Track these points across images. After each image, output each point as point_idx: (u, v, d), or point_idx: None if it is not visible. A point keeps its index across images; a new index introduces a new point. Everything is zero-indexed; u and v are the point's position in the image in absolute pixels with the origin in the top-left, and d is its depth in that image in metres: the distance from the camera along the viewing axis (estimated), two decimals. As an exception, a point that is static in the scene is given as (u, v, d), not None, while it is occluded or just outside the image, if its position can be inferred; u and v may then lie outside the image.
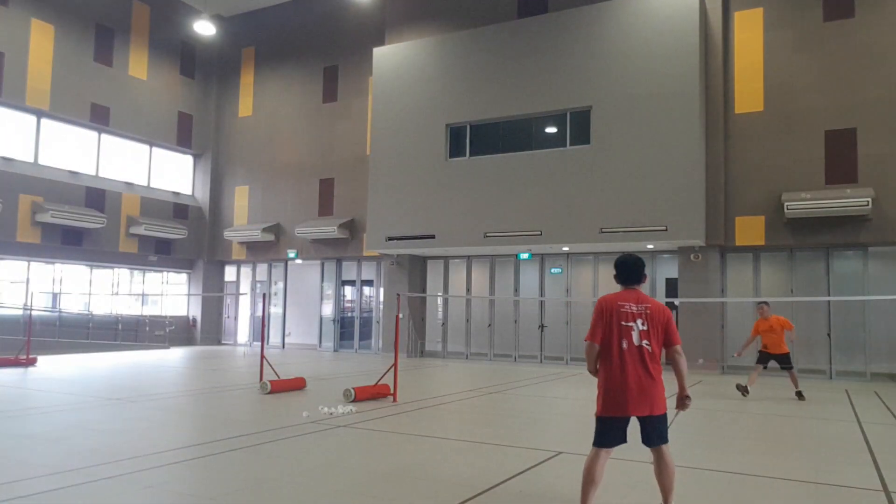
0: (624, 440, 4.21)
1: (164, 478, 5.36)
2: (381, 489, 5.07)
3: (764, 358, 11.23)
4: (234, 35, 23.66)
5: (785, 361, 11.12)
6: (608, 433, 4.18)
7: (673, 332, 4.28)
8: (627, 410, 4.10)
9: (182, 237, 22.21)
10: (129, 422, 7.85)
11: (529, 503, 4.82)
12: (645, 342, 4.17)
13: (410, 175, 18.13)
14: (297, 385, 11.08)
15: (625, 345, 4.16)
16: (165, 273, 23.33)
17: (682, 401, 4.30)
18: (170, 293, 23.40)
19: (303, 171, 21.74)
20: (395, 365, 9.97)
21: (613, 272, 4.49)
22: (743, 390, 11.13)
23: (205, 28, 20.49)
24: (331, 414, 8.49)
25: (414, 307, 19.34)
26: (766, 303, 11.47)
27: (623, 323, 4.20)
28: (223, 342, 23.74)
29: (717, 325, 15.73)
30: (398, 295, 11.53)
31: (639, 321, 4.20)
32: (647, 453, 4.42)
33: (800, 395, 10.94)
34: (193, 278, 23.74)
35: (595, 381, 4.31)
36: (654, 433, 4.18)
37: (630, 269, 4.43)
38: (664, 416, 4.21)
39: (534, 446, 6.74)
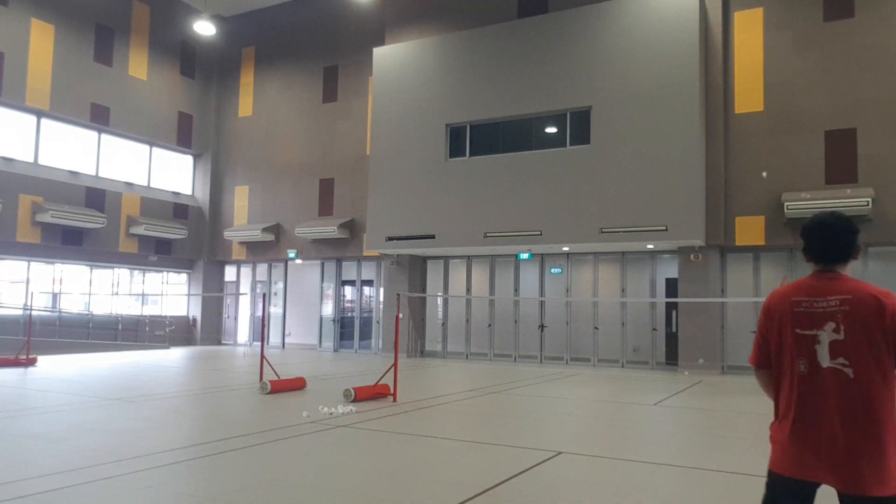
0: None
1: (164, 478, 5.36)
2: (381, 489, 5.07)
3: None
4: (234, 35, 23.66)
5: None
6: (775, 497, 2.62)
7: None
8: (804, 472, 2.50)
9: (182, 237, 22.21)
10: (128, 422, 7.85)
11: (529, 503, 4.82)
12: (840, 361, 2.47)
13: (410, 175, 18.13)
14: (297, 385, 11.08)
15: (802, 367, 2.54)
16: (165, 273, 23.33)
17: None
18: (170, 293, 23.40)
19: (303, 171, 21.74)
20: (395, 365, 9.97)
21: (802, 245, 2.73)
22: None
23: (205, 28, 20.49)
24: (331, 414, 8.49)
25: (414, 307, 19.34)
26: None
27: (799, 331, 2.57)
28: (223, 342, 23.74)
29: (717, 325, 15.73)
30: (398, 295, 11.53)
31: (828, 326, 2.51)
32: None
33: None
34: (193, 278, 23.74)
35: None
36: None
37: (829, 237, 2.62)
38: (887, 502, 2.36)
39: (534, 446, 6.74)
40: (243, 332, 23.51)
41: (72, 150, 19.93)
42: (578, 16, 16.39)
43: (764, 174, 15.16)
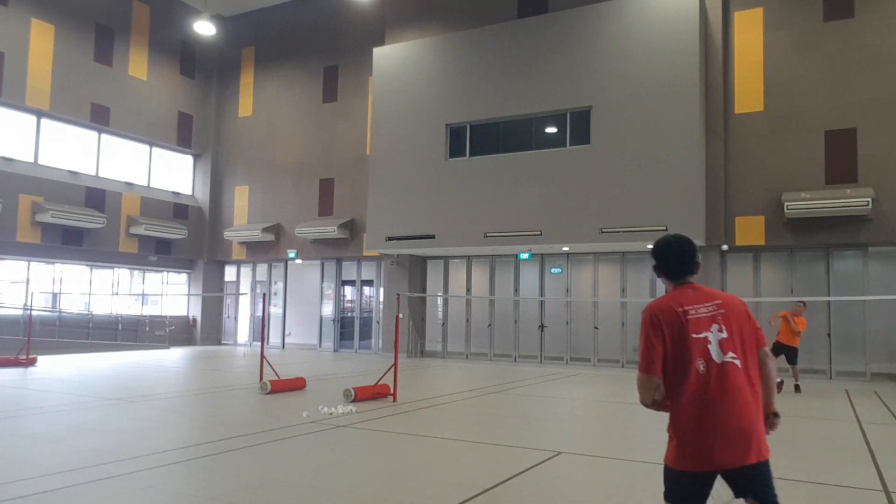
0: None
1: (164, 478, 5.36)
2: (381, 489, 5.07)
3: (777, 349, 11.84)
4: (234, 35, 23.66)
5: (792, 355, 11.89)
6: (688, 494, 2.92)
7: (759, 329, 2.94)
8: (715, 461, 2.75)
9: (182, 237, 22.21)
10: (128, 422, 7.85)
11: (529, 503, 4.82)
12: (731, 355, 2.80)
13: (410, 175, 18.13)
14: (297, 385, 11.08)
15: (701, 366, 2.78)
16: (165, 273, 23.33)
17: (771, 419, 2.89)
18: (170, 293, 23.39)
19: (303, 171, 21.74)
20: (395, 365, 9.97)
21: (653, 263, 3.10)
22: (778, 386, 11.71)
23: (205, 28, 20.49)
24: (331, 414, 8.49)
25: (414, 307, 19.34)
26: (804, 303, 12.12)
27: (695, 335, 2.82)
28: (223, 342, 23.74)
29: (717, 325, 15.70)
30: (398, 295, 11.53)
31: (715, 326, 2.85)
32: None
33: (797, 387, 11.82)
34: (193, 278, 23.74)
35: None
36: (760, 488, 2.77)
37: (680, 256, 3.00)
38: (767, 462, 2.80)
39: (534, 446, 6.74)
40: (243, 332, 23.51)
41: (72, 150, 19.93)
42: (578, 16, 16.39)
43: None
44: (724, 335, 2.83)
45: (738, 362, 2.80)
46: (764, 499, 2.78)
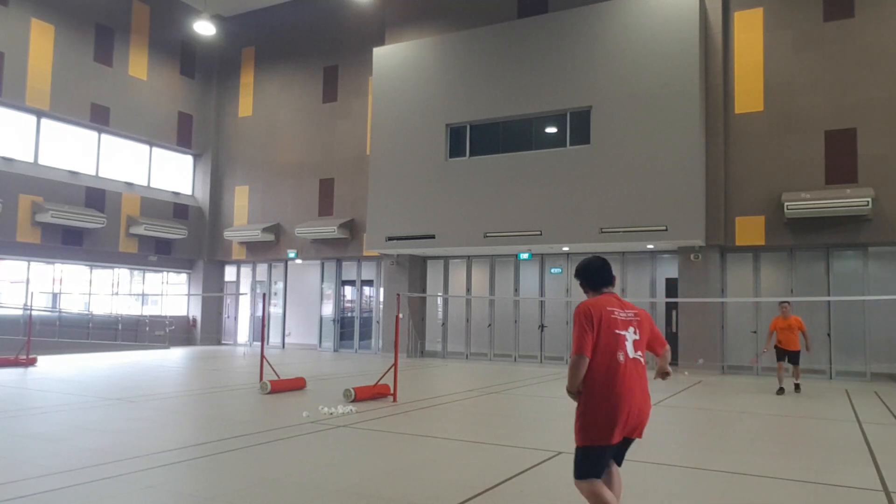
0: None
1: (164, 478, 5.36)
2: (380, 489, 5.07)
3: (781, 354, 11.86)
4: (234, 35, 23.66)
5: (795, 358, 11.88)
6: (599, 462, 3.61)
7: (661, 334, 3.91)
8: (623, 433, 3.55)
9: (182, 237, 22.21)
10: (128, 422, 7.85)
11: (529, 503, 4.82)
12: (639, 353, 3.64)
13: (410, 175, 18.13)
14: (297, 385, 11.08)
15: (620, 357, 3.54)
16: (165, 273, 23.33)
17: (664, 376, 3.79)
18: (170, 293, 23.40)
19: (303, 171, 21.74)
20: (395, 365, 9.97)
21: (578, 281, 3.91)
22: (780, 391, 11.73)
23: (205, 28, 20.49)
24: (331, 414, 8.49)
25: (414, 307, 19.34)
26: (788, 303, 11.98)
27: (617, 331, 3.58)
28: (223, 342, 23.74)
29: (717, 325, 15.73)
30: (398, 295, 11.53)
31: (631, 329, 3.64)
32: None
33: (797, 387, 11.87)
34: (193, 278, 23.74)
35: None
36: (622, 453, 3.81)
37: (599, 271, 3.84)
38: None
39: (534, 446, 6.74)
40: (243, 332, 23.51)
41: (72, 150, 19.93)
42: (578, 16, 16.39)
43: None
44: (637, 337, 3.65)
45: (642, 360, 3.65)
46: (619, 461, 3.81)
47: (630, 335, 3.61)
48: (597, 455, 3.56)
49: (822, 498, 5.10)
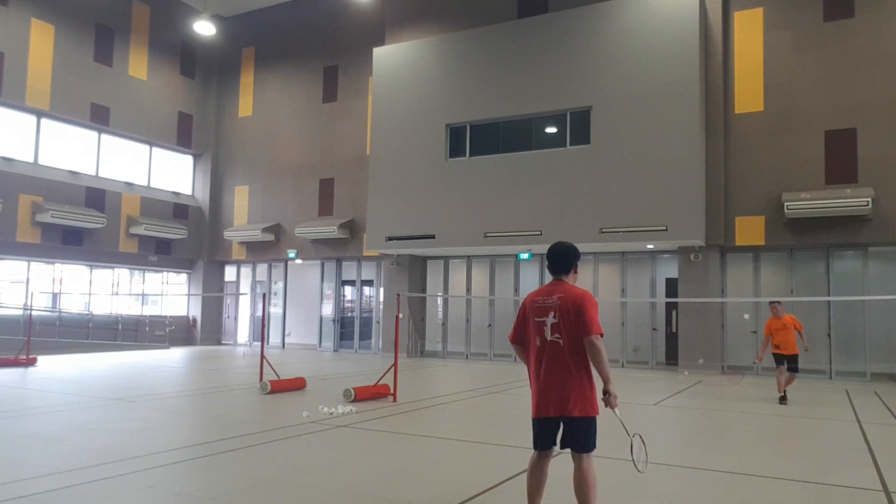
0: (553, 443, 3.98)
1: (164, 478, 5.36)
2: (381, 489, 5.07)
3: (780, 359, 10.82)
4: (234, 35, 23.66)
5: (793, 363, 10.80)
6: (536, 435, 4.01)
7: (586, 321, 3.85)
8: (542, 411, 3.91)
9: (182, 237, 22.21)
10: (129, 422, 7.85)
11: (529, 503, 4.82)
12: (556, 336, 3.90)
13: (410, 175, 18.13)
14: (297, 385, 11.07)
15: (538, 342, 3.98)
16: (165, 273, 23.33)
17: (605, 395, 3.87)
18: (170, 293, 23.39)
19: (303, 171, 21.74)
20: (395, 365, 9.97)
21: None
22: (780, 399, 10.64)
23: (205, 28, 20.49)
24: (331, 414, 8.49)
25: (414, 307, 19.34)
26: (778, 302, 11.05)
27: (536, 319, 4.01)
28: (223, 342, 23.74)
29: (717, 325, 15.73)
30: (398, 295, 11.53)
31: (551, 314, 3.95)
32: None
33: (783, 397, 10.60)
34: (193, 278, 23.74)
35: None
36: (570, 438, 3.89)
37: (553, 258, 4.17)
38: (582, 421, 3.86)
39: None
40: (243, 332, 23.51)
41: (72, 150, 19.93)
42: (578, 16, 16.39)
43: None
44: (556, 321, 3.92)
45: (560, 342, 3.89)
46: (572, 446, 3.87)
47: (549, 319, 3.95)
48: (535, 427, 4.01)
49: (822, 498, 5.10)
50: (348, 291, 21.96)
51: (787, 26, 15.34)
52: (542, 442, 3.98)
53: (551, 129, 16.81)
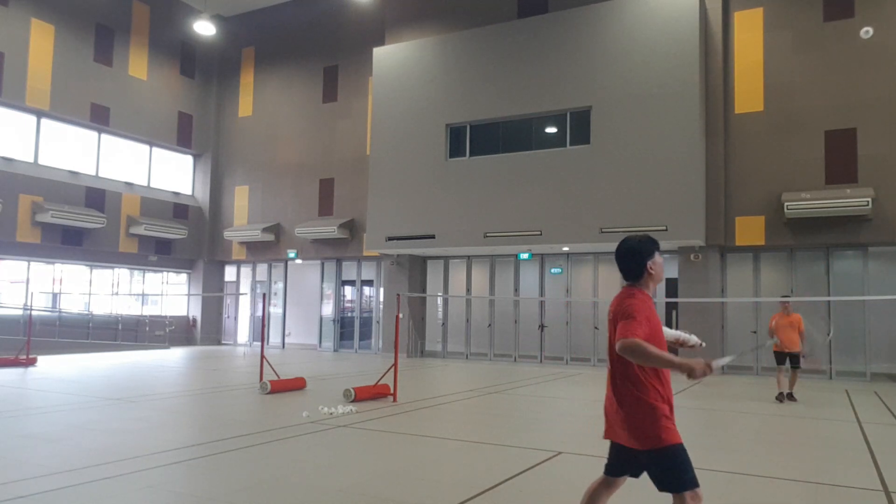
0: (624, 472, 3.35)
1: (164, 478, 5.36)
2: (380, 489, 5.07)
3: (781, 358, 10.98)
4: (234, 35, 23.66)
5: (796, 361, 10.94)
6: (609, 456, 3.39)
7: (619, 326, 3.19)
8: (610, 434, 3.31)
9: (182, 237, 22.21)
10: (128, 422, 7.85)
11: (529, 503, 4.82)
12: (607, 357, 3.39)
13: (410, 175, 18.13)
14: (297, 385, 11.07)
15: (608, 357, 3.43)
16: (165, 273, 23.33)
17: (691, 378, 3.21)
18: (170, 293, 23.39)
19: (303, 171, 21.74)
20: (395, 365, 9.97)
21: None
22: (779, 397, 10.80)
23: (205, 28, 20.49)
24: (331, 414, 8.49)
25: (414, 307, 19.34)
26: (789, 300, 11.15)
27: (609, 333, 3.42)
28: (223, 342, 23.74)
29: (718, 325, 15.73)
30: (398, 295, 11.53)
31: (610, 325, 3.40)
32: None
33: (791, 396, 10.80)
34: (193, 278, 23.74)
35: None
36: (649, 472, 3.20)
37: (617, 261, 3.58)
38: (655, 454, 3.12)
39: (534, 446, 6.74)
40: (243, 332, 23.51)
41: (72, 150, 19.93)
42: (578, 16, 16.39)
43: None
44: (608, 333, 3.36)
45: (608, 363, 3.35)
46: (656, 485, 3.21)
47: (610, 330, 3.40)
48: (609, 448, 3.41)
49: (822, 498, 5.10)
50: (348, 291, 21.96)
51: (787, 26, 15.34)
52: (609, 466, 3.37)
53: (551, 129, 16.81)
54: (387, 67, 18.88)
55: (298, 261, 22.10)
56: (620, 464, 3.32)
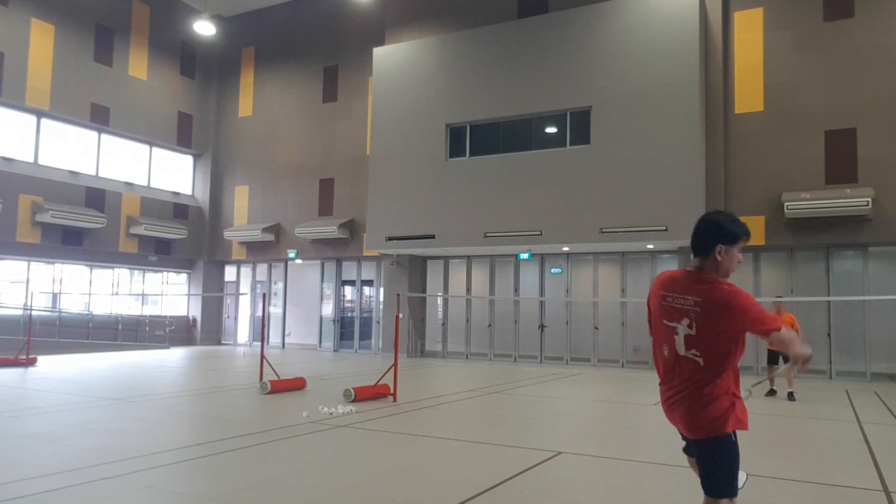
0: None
1: (164, 478, 5.36)
2: (381, 489, 5.07)
3: (773, 357, 11.45)
4: (234, 35, 23.66)
5: (788, 357, 11.18)
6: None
7: (756, 327, 2.97)
8: (674, 422, 3.16)
9: (182, 237, 22.20)
10: (128, 422, 7.85)
11: (529, 503, 4.82)
12: (693, 352, 2.95)
13: (410, 175, 18.13)
14: (297, 385, 11.07)
15: (666, 352, 3.05)
16: (165, 273, 23.33)
17: (796, 365, 3.14)
18: (170, 293, 23.39)
19: (303, 171, 21.74)
20: (395, 365, 9.96)
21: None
22: (770, 393, 11.38)
23: (205, 28, 20.49)
24: (331, 414, 8.49)
25: (414, 307, 19.33)
26: (782, 301, 11.80)
27: (666, 322, 3.04)
28: (223, 342, 23.74)
29: (717, 325, 15.69)
30: (398, 295, 11.53)
31: (685, 322, 2.97)
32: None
33: (790, 395, 10.97)
34: (193, 278, 23.74)
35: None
36: (700, 472, 3.10)
37: (697, 231, 3.20)
38: (708, 444, 3.02)
39: (534, 446, 6.74)
40: (243, 332, 23.51)
41: (72, 150, 19.93)
42: (578, 16, 16.39)
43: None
44: (693, 333, 2.94)
45: (701, 362, 2.94)
46: (702, 484, 3.07)
47: (683, 328, 2.97)
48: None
49: (822, 498, 5.10)
50: (348, 291, 21.96)
51: (787, 26, 15.34)
52: (688, 448, 3.28)
53: (551, 129, 16.81)
54: (387, 67, 18.88)
55: (298, 261, 22.11)
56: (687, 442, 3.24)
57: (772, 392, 11.51)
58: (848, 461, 6.37)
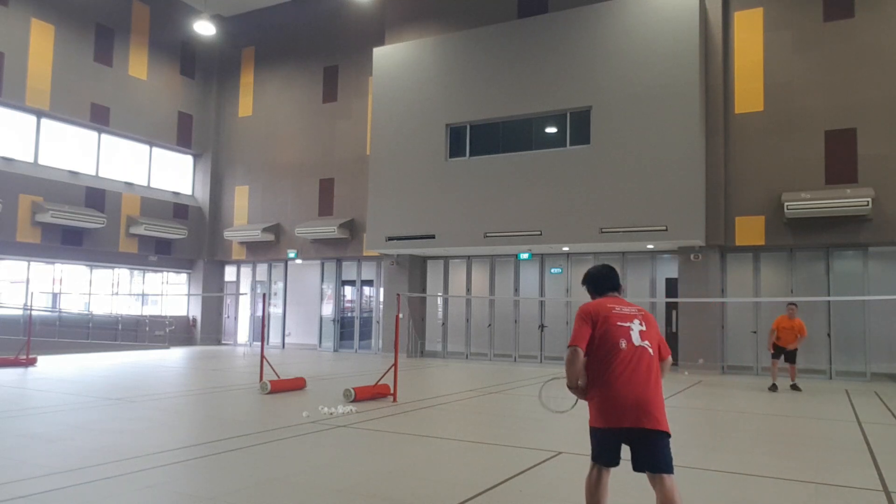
0: (618, 460, 3.66)
1: (164, 478, 5.36)
2: (381, 489, 5.07)
3: (778, 352, 12.25)
4: (234, 35, 23.66)
5: (791, 356, 12.28)
6: (602, 449, 3.66)
7: (665, 343, 3.86)
8: (622, 420, 3.51)
9: (182, 237, 22.20)
10: (129, 422, 7.85)
11: (529, 503, 4.82)
12: (646, 342, 3.64)
13: (410, 175, 18.13)
14: (297, 385, 11.08)
15: (623, 344, 3.60)
16: (165, 273, 23.33)
17: None
18: (170, 293, 23.39)
19: (303, 171, 21.74)
20: (395, 365, 9.97)
21: (585, 287, 4.12)
22: (773, 388, 12.09)
23: (205, 28, 20.48)
24: (331, 414, 8.49)
25: (414, 307, 19.33)
26: (795, 305, 12.33)
27: (619, 323, 3.67)
28: (223, 342, 23.74)
29: (717, 325, 15.73)
30: (398, 295, 11.53)
31: (636, 321, 3.71)
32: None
33: (795, 386, 12.11)
34: (193, 278, 23.74)
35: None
36: (650, 457, 3.50)
37: (607, 277, 4.05)
38: (665, 437, 3.54)
39: (534, 446, 6.74)
40: (243, 332, 23.51)
41: (72, 150, 19.93)
42: (578, 16, 16.39)
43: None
44: (643, 328, 3.70)
45: (650, 350, 3.65)
46: (657, 467, 3.48)
47: (636, 326, 3.69)
48: (599, 437, 3.66)
49: (822, 498, 5.10)
50: (348, 291, 21.96)
51: (787, 26, 15.34)
52: (608, 456, 3.63)
53: (551, 129, 16.81)
54: (387, 67, 18.88)
55: (298, 261, 22.11)
56: (618, 450, 3.64)
57: (773, 387, 12.01)
58: (848, 461, 6.37)
